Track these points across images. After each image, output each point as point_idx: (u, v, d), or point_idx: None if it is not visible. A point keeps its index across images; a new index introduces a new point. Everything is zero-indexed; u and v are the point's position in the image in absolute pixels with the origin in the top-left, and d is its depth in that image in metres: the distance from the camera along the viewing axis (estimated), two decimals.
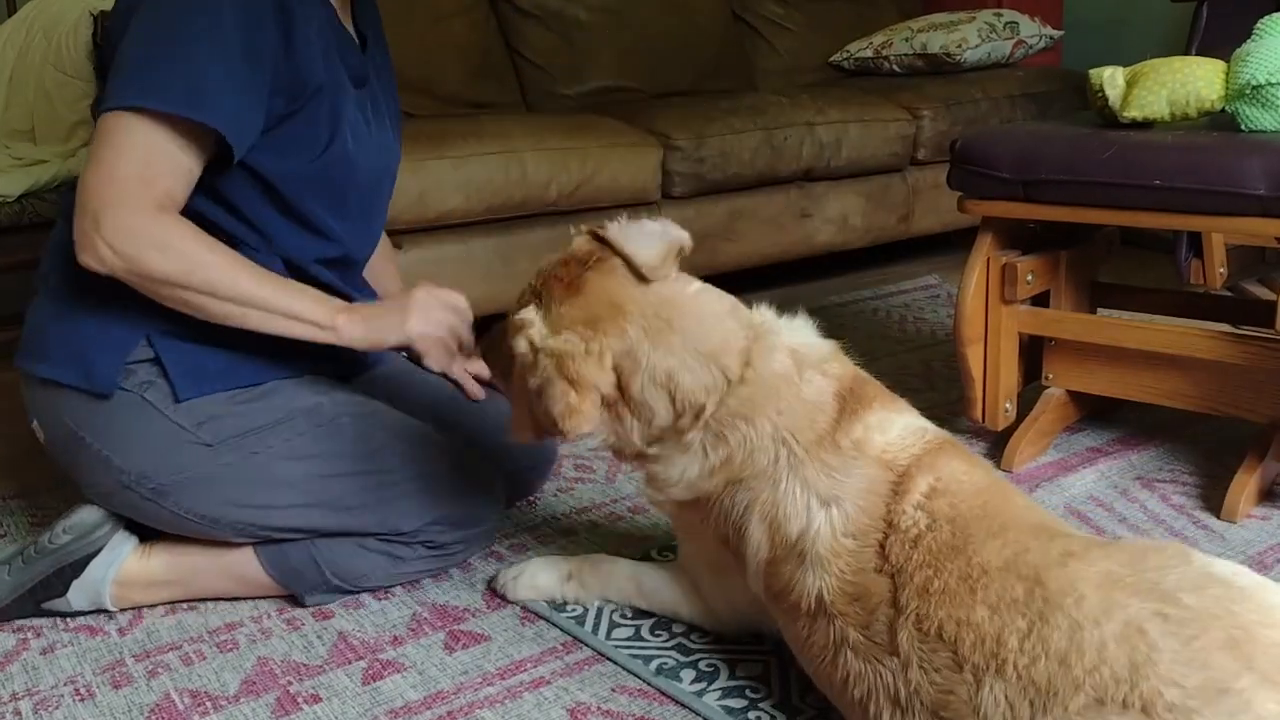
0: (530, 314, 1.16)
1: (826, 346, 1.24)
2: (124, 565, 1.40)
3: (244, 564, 1.39)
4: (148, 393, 1.31)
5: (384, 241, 1.66)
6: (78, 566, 1.38)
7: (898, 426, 1.13)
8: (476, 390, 1.51)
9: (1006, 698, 0.90)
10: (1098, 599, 0.89)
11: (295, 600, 1.42)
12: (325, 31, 1.32)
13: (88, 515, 1.39)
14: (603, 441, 1.19)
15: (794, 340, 1.22)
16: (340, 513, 1.36)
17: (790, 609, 1.11)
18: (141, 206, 1.18)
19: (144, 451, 1.31)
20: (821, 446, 1.11)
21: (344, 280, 1.43)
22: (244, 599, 1.43)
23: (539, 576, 1.41)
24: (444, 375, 1.49)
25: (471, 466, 1.45)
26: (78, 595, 1.39)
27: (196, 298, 1.22)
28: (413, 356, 1.44)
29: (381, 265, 1.66)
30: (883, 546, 1.04)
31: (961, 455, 1.13)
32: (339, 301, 1.31)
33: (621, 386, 1.14)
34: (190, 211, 1.25)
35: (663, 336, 1.14)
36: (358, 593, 1.43)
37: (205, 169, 1.24)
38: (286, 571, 1.39)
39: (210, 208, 1.29)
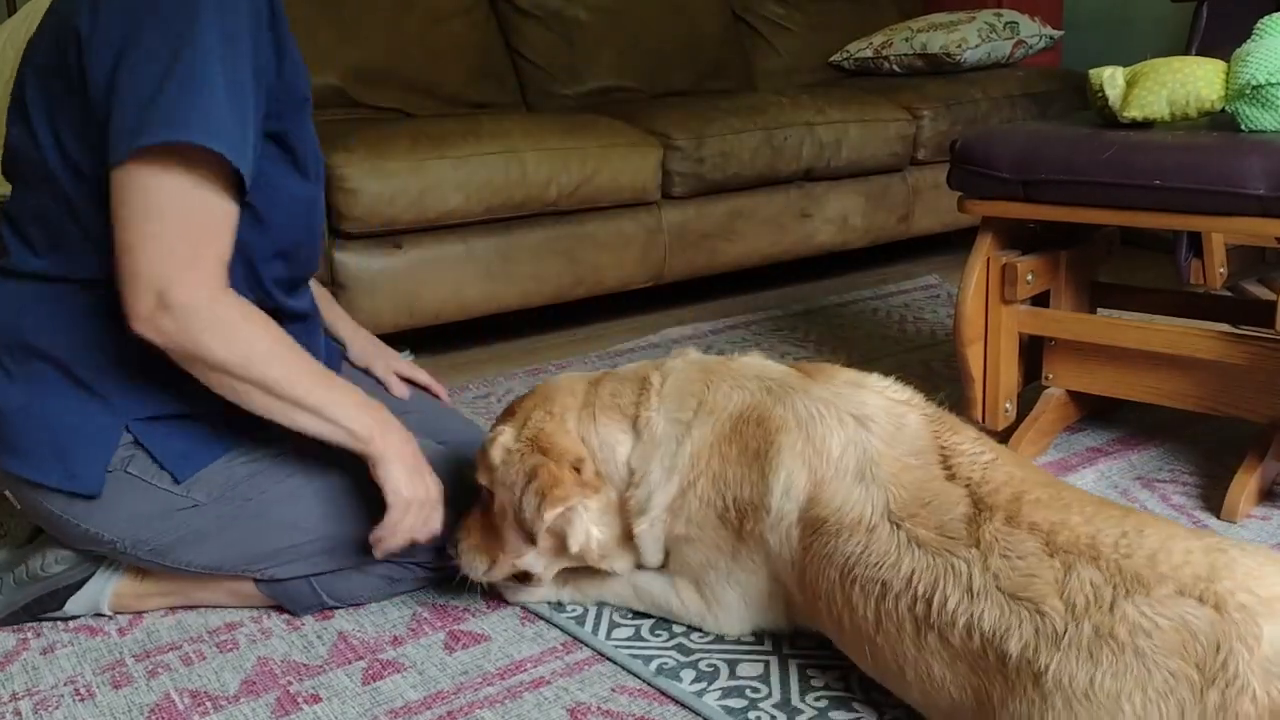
0: (500, 429, 1.32)
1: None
2: (120, 582, 1.39)
3: (241, 583, 1.39)
4: (131, 466, 1.28)
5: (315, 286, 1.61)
6: (73, 588, 1.38)
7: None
8: (401, 389, 1.63)
9: (1093, 582, 0.96)
10: (1185, 533, 0.99)
11: None
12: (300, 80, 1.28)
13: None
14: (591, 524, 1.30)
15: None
16: (341, 550, 1.35)
17: (843, 527, 1.13)
18: (205, 281, 1.12)
19: (135, 522, 1.29)
20: (816, 382, 1.25)
21: (291, 297, 1.39)
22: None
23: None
24: (366, 371, 1.62)
25: (466, 483, 1.45)
26: (75, 606, 1.39)
27: (245, 388, 1.16)
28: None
29: (327, 307, 1.64)
30: (947, 463, 1.13)
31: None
32: (382, 416, 1.26)
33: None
34: None
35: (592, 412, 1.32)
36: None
37: None
38: (282, 594, 1.38)
39: None
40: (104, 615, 1.40)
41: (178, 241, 1.11)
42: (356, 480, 1.34)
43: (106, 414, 1.26)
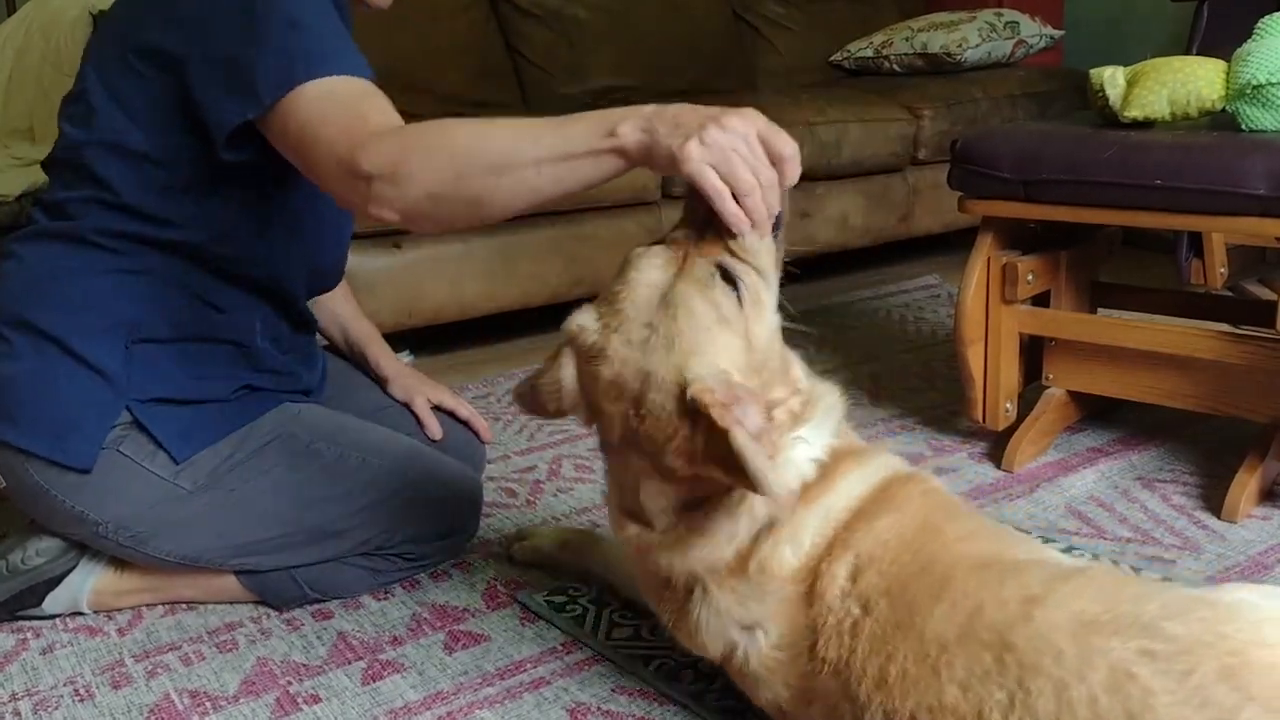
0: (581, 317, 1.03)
1: None
2: (100, 578, 1.40)
3: (221, 578, 1.39)
4: (123, 446, 1.28)
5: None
6: (52, 583, 1.38)
7: (810, 529, 1.01)
8: (436, 429, 1.55)
9: None
10: (1076, 650, 0.81)
11: None
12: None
13: (59, 539, 1.38)
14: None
15: None
16: (324, 539, 1.35)
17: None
18: (373, 136, 1.04)
19: (121, 503, 1.29)
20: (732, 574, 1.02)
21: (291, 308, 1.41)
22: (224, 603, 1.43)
23: (542, 538, 1.49)
24: (406, 406, 1.55)
25: (449, 473, 1.45)
26: (53, 604, 1.39)
27: (502, 183, 1.01)
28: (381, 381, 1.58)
29: (368, 341, 1.65)
30: (814, 650, 0.97)
31: (887, 505, 1.01)
32: (612, 113, 1.02)
33: None
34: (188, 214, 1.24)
35: None
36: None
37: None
38: (263, 586, 1.39)
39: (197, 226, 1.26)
40: (83, 613, 1.41)
41: (344, 123, 1.07)
42: (342, 471, 1.35)
43: (108, 391, 1.26)
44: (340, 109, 1.08)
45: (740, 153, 0.94)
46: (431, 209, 1.04)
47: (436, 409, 1.61)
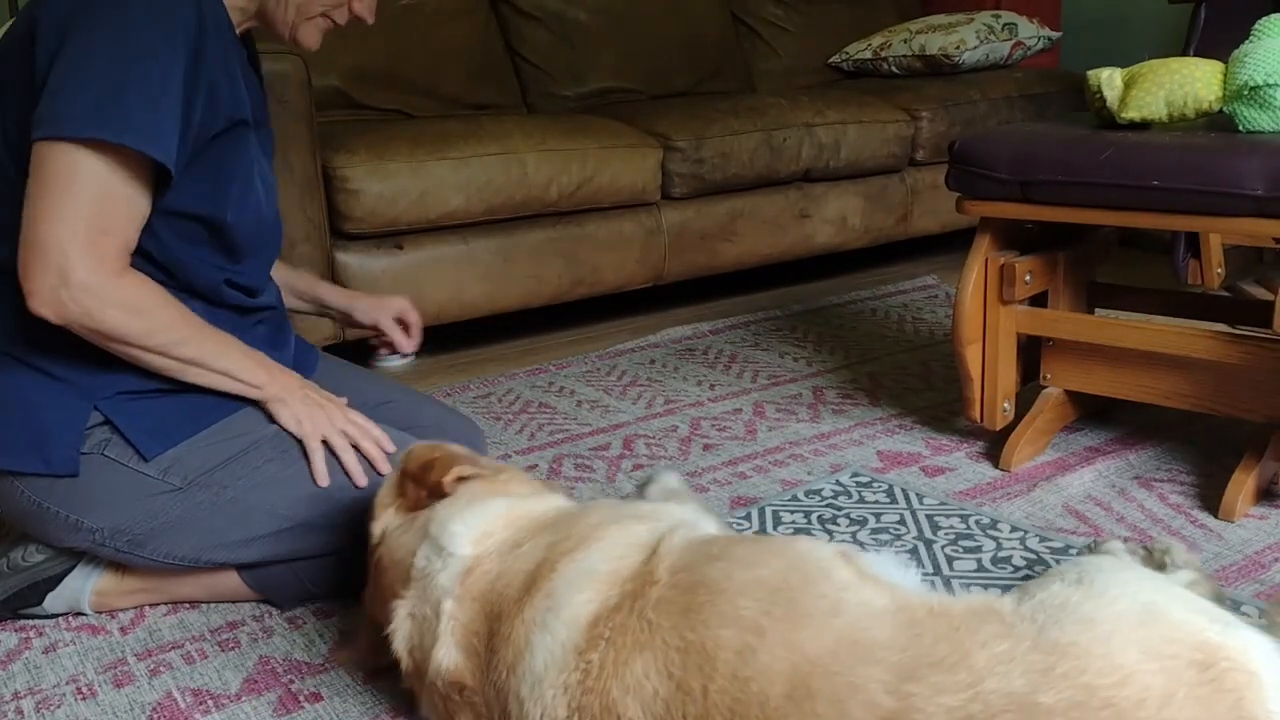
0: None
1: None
2: (101, 580, 1.40)
3: (222, 577, 1.40)
4: (108, 450, 1.29)
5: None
6: (53, 581, 1.39)
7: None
8: (405, 342, 1.66)
9: None
10: None
11: None
12: (235, 68, 1.30)
13: None
14: None
15: None
16: (319, 532, 1.35)
17: None
18: (106, 263, 1.16)
19: (114, 507, 1.29)
20: None
21: (257, 296, 1.43)
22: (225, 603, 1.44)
23: None
24: (374, 328, 1.66)
25: None
26: (54, 603, 1.39)
27: (147, 355, 1.24)
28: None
29: (312, 284, 1.71)
30: None
31: (626, 645, 0.89)
32: (274, 367, 1.36)
33: None
34: None
35: None
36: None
37: None
38: (265, 583, 1.39)
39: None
40: (84, 614, 1.41)
41: (87, 224, 1.15)
42: (334, 466, 1.35)
43: (73, 394, 1.27)
44: (96, 216, 1.17)
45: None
46: (90, 338, 1.21)
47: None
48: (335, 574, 1.40)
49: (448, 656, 1.01)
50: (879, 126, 3.04)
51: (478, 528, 1.08)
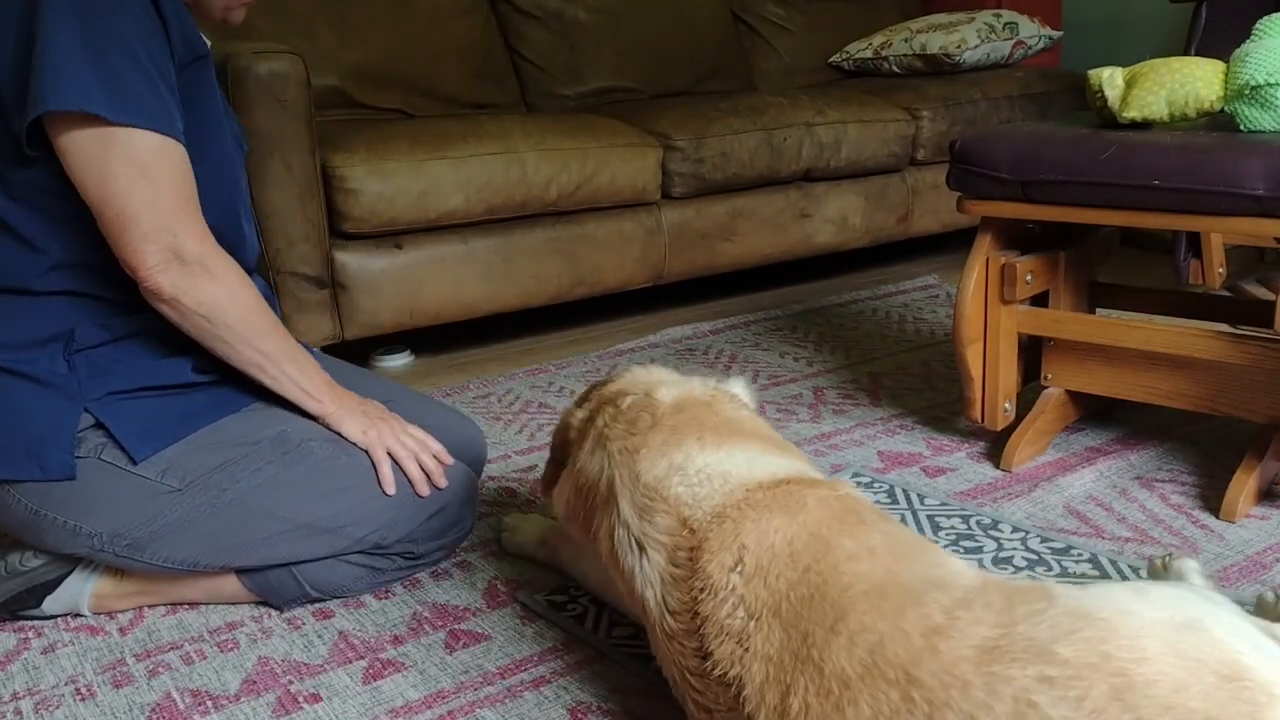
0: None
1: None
2: (100, 582, 1.40)
3: (222, 579, 1.39)
4: (104, 454, 1.28)
5: None
6: (50, 585, 1.38)
7: (700, 473, 1.08)
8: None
9: None
10: (981, 681, 0.82)
11: None
12: (190, 39, 1.30)
13: None
14: None
15: None
16: (320, 535, 1.35)
17: None
18: (205, 234, 1.23)
19: (113, 511, 1.29)
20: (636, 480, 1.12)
21: None
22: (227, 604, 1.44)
23: (525, 534, 1.53)
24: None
25: (446, 472, 1.45)
26: (53, 605, 1.39)
27: (232, 342, 1.27)
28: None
29: None
30: (701, 634, 0.99)
31: (779, 502, 1.03)
32: (333, 380, 1.40)
33: None
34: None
35: None
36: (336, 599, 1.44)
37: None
38: (265, 586, 1.39)
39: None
40: (83, 616, 1.41)
41: (176, 200, 1.20)
42: (334, 469, 1.35)
43: (62, 399, 1.27)
44: (177, 190, 1.23)
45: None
46: (180, 313, 1.24)
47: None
48: (335, 577, 1.39)
49: None
50: (880, 126, 3.04)
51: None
